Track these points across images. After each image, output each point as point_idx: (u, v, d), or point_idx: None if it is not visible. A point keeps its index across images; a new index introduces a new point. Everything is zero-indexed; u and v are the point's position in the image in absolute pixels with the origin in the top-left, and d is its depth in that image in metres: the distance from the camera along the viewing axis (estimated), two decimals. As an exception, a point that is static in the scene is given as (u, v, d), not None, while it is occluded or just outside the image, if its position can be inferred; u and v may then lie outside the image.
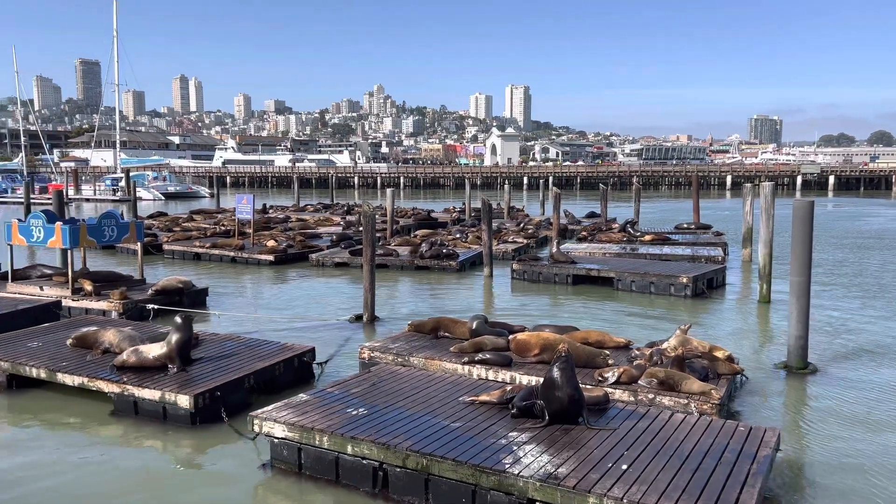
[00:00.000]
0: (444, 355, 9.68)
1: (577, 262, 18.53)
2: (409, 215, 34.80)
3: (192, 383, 8.45)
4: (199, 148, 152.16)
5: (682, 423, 7.15)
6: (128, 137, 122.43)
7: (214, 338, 10.64)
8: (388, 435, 6.61)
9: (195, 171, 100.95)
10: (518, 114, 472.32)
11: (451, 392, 8.02)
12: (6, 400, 9.24)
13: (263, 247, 22.38)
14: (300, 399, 7.62)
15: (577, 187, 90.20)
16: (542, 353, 9.30)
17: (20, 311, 12.59)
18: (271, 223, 30.15)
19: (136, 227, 15.89)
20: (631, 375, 8.55)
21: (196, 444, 7.81)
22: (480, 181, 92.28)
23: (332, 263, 21.00)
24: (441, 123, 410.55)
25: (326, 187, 65.85)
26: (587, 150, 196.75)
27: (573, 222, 31.88)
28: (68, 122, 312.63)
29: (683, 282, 16.27)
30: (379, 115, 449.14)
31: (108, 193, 62.03)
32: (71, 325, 11.53)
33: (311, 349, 10.15)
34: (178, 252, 23.04)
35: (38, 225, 14.55)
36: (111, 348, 9.70)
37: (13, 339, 10.53)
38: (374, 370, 8.99)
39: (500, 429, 6.83)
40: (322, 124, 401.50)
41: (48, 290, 14.43)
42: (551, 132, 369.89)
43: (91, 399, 8.92)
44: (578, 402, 6.92)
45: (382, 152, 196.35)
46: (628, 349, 10.02)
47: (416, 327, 10.97)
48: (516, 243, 24.24)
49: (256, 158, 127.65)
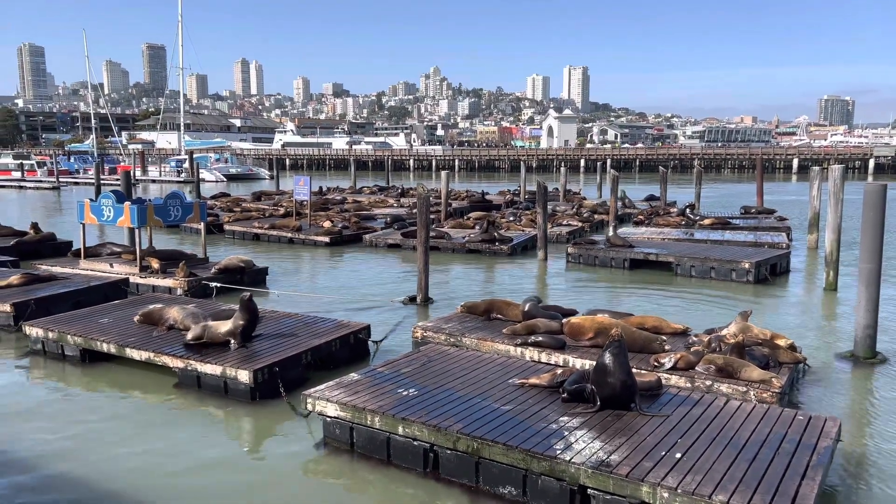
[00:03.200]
0: (497, 337, 9.70)
1: (634, 247, 18.22)
2: (462, 198, 34.78)
3: (252, 359, 8.71)
4: (259, 131, 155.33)
5: (738, 411, 7.00)
6: (191, 120, 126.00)
7: (273, 315, 10.92)
8: (439, 417, 6.67)
9: (255, 153, 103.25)
10: (576, 95, 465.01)
11: (500, 374, 8.04)
12: (80, 373, 9.73)
13: (319, 228, 22.76)
14: (352, 378, 7.76)
15: (635, 170, 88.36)
16: (596, 338, 9.21)
17: (92, 288, 13.18)
18: (328, 205, 30.62)
19: (199, 208, 16.39)
20: (688, 362, 8.40)
21: (254, 418, 8.06)
22: (536, 164, 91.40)
23: (385, 245, 21.21)
24: (497, 105, 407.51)
25: (382, 170, 66.36)
26: (647, 132, 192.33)
27: (630, 206, 31.29)
28: (136, 106, 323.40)
29: (745, 267, 15.82)
30: (435, 97, 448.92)
31: (173, 175, 64.10)
32: (138, 301, 12.01)
33: (366, 327, 10.32)
34: (238, 232, 23.66)
35: (109, 204, 15.15)
36: (175, 325, 10.07)
37: (86, 316, 11.04)
38: (424, 350, 9.08)
39: (550, 413, 6.82)
40: (379, 107, 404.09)
41: (117, 268, 15.05)
42: (610, 114, 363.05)
43: (157, 373, 9.31)
44: (631, 387, 6.84)
45: (438, 135, 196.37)
46: (686, 335, 9.83)
47: (468, 308, 11.01)
48: (571, 226, 23.96)
49: (315, 141, 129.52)
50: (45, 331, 10.32)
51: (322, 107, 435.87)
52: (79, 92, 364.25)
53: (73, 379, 9.52)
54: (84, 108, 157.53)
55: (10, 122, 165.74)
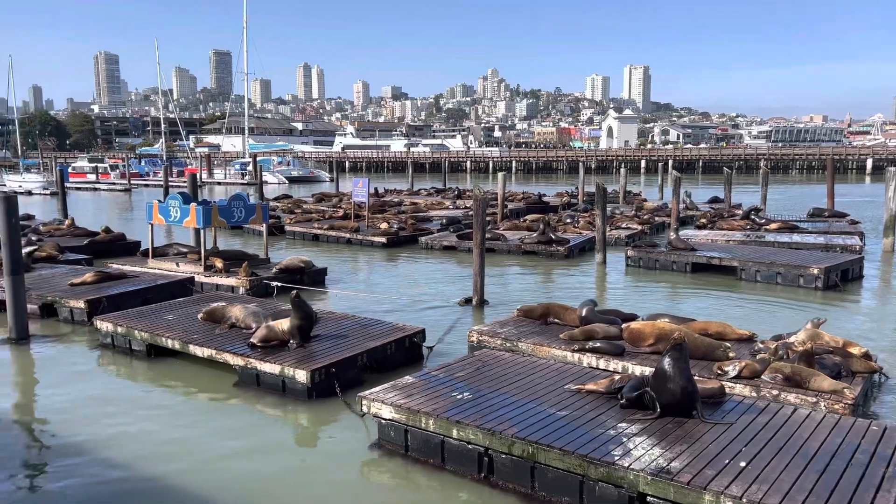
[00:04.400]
0: (553, 342, 9.57)
1: (696, 250, 17.73)
2: (519, 199, 34.58)
3: (310, 359, 8.84)
4: (320, 134, 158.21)
5: (807, 420, 6.70)
6: (255, 124, 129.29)
7: (331, 316, 11.06)
8: (494, 421, 6.61)
9: (316, 156, 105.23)
10: (636, 95, 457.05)
11: (556, 380, 7.92)
12: (146, 367, 10.07)
13: (376, 229, 23.00)
14: (406, 381, 7.78)
15: (698, 171, 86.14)
16: (656, 344, 8.98)
17: (159, 286, 13.65)
18: (385, 206, 30.92)
19: (261, 209, 16.78)
20: (753, 370, 8.09)
21: (311, 418, 8.17)
22: (595, 165, 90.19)
23: (441, 247, 21.26)
24: (555, 106, 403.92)
25: (439, 172, 66.64)
26: (710, 132, 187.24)
27: (693, 208, 30.50)
28: (203, 110, 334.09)
29: (814, 273, 15.18)
30: (492, 98, 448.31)
31: (237, 177, 65.98)
32: (202, 299, 12.36)
33: (420, 330, 10.34)
34: (298, 233, 24.13)
35: (176, 206, 15.66)
36: (237, 323, 10.32)
37: (152, 312, 11.43)
38: (479, 354, 9.03)
39: (608, 419, 6.68)
40: (436, 109, 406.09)
41: (183, 267, 15.54)
42: (672, 114, 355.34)
43: (218, 370, 9.54)
44: (691, 394, 6.63)
45: (495, 136, 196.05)
46: (751, 342, 9.49)
47: (524, 312, 10.90)
48: (630, 229, 23.52)
49: (373, 144, 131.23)
50: (115, 325, 10.73)
51: (381, 110, 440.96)
52: (150, 97, 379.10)
53: (139, 372, 9.87)
54: (154, 113, 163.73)
55: (86, 127, 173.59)
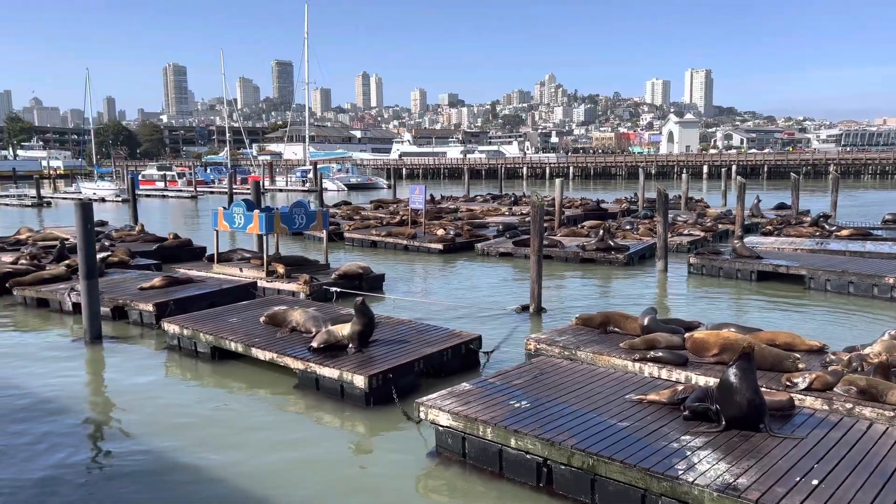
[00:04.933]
0: (614, 351, 9.39)
1: (762, 258, 17.15)
2: (577, 206, 34.19)
3: (368, 364, 8.92)
4: (378, 141, 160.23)
5: (884, 436, 6.38)
6: (315, 132, 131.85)
7: (389, 321, 11.15)
8: (552, 430, 6.52)
9: (374, 163, 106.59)
10: (698, 99, 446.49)
11: (616, 389, 7.76)
12: (210, 369, 10.36)
13: (433, 236, 23.10)
14: (463, 388, 7.75)
15: (763, 177, 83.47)
16: (721, 354, 8.71)
17: (223, 290, 14.04)
18: (442, 213, 31.04)
19: (322, 216, 17.08)
20: (825, 382, 7.75)
21: (369, 424, 8.24)
22: (655, 170, 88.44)
23: (497, 253, 21.19)
24: (614, 111, 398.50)
25: (496, 178, 66.54)
26: (776, 136, 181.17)
27: (759, 214, 29.54)
28: (265, 119, 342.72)
29: (890, 282, 14.48)
30: (550, 104, 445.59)
31: (298, 184, 67.33)
32: (264, 304, 12.65)
33: (477, 337, 10.31)
34: (357, 239, 24.46)
35: (239, 213, 16.10)
36: (297, 327, 10.51)
37: (217, 315, 11.76)
38: (536, 362, 8.94)
39: (671, 431, 6.50)
40: (493, 116, 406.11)
41: (246, 272, 15.94)
42: (735, 118, 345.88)
43: (279, 373, 9.74)
44: (759, 407, 6.40)
45: (552, 142, 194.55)
46: (822, 353, 9.09)
47: (583, 321, 10.74)
48: (692, 236, 22.95)
49: (430, 150, 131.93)
50: (181, 328, 11.08)
51: (438, 117, 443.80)
52: (215, 107, 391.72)
53: (203, 374, 10.16)
54: (220, 123, 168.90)
55: (155, 137, 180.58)
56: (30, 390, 9.39)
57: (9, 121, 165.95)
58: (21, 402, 8.97)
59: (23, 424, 8.21)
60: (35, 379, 9.87)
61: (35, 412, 8.60)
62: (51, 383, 9.69)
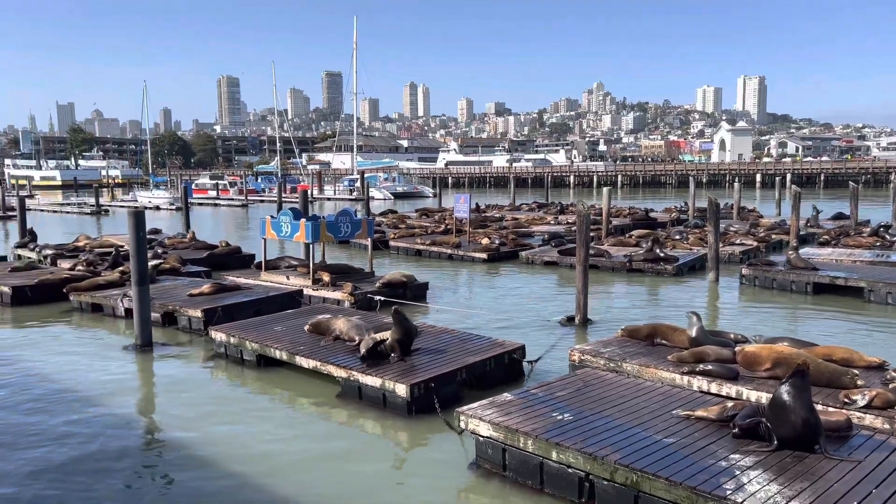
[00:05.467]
0: (661, 363, 9.15)
1: (819, 269, 16.56)
2: (625, 215, 33.68)
3: (410, 373, 8.89)
4: (424, 150, 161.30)
5: (953, 465, 6.02)
6: (363, 142, 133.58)
7: (431, 330, 11.12)
8: (595, 444, 6.37)
9: (420, 172, 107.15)
10: (751, 106, 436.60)
11: (662, 404, 7.55)
12: (255, 376, 10.50)
13: (478, 244, 23.04)
14: (505, 398, 7.65)
15: (819, 185, 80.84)
16: (774, 369, 8.40)
17: (270, 298, 14.24)
18: (487, 222, 30.96)
19: (367, 225, 17.21)
20: (886, 400, 7.39)
21: (410, 433, 8.20)
22: (706, 179, 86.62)
23: (542, 262, 20.98)
24: (664, 119, 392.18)
25: (542, 186, 66.15)
26: (833, 143, 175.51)
27: (815, 225, 28.58)
28: (315, 129, 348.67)
29: (957, 296, 13.78)
30: (598, 112, 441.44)
31: (346, 193, 68.20)
32: (309, 311, 12.77)
33: (521, 346, 10.20)
34: (402, 248, 24.56)
35: (287, 221, 16.34)
36: (341, 336, 10.57)
37: (263, 323, 11.92)
38: (580, 374, 8.78)
39: (719, 449, 6.28)
40: (540, 124, 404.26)
41: (293, 280, 16.15)
42: (790, 125, 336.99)
43: (322, 381, 9.79)
44: (814, 427, 6.12)
45: (600, 150, 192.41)
46: (882, 370, 8.68)
47: (629, 333, 10.52)
48: (745, 246, 22.32)
49: (476, 159, 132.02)
50: (228, 336, 11.27)
51: (484, 126, 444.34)
52: (267, 118, 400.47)
53: (249, 381, 10.30)
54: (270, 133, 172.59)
55: (209, 147, 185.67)
56: (81, 391, 9.67)
57: (71, 132, 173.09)
58: (73, 402, 9.25)
59: (74, 425, 8.45)
60: (86, 381, 10.16)
61: (84, 413, 8.85)
62: (101, 385, 9.96)
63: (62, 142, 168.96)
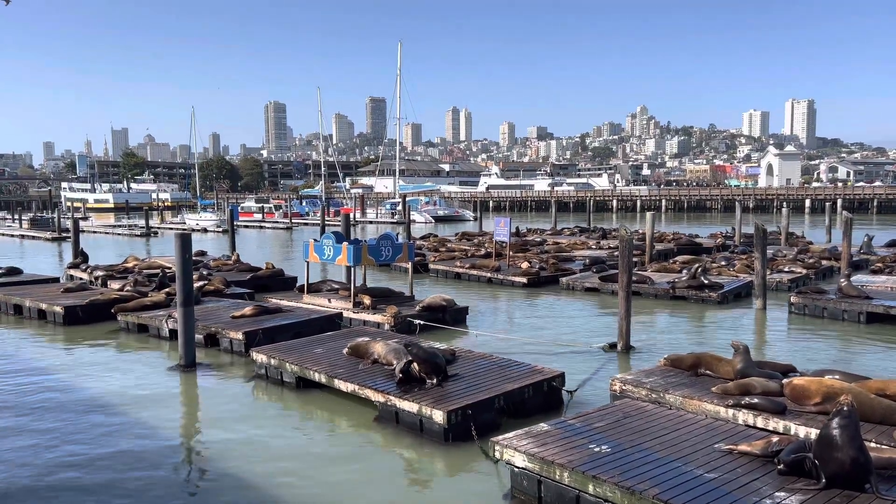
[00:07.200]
0: (705, 395, 8.92)
1: (872, 298, 15.99)
2: (668, 240, 33.15)
3: (447, 399, 8.85)
4: (466, 175, 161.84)
5: None
6: (406, 166, 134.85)
7: (469, 355, 11.07)
8: (633, 479, 6.22)
9: (461, 196, 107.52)
10: (800, 130, 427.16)
11: (704, 437, 7.34)
12: (294, 397, 10.59)
13: (517, 269, 22.93)
14: (541, 429, 7.54)
15: (872, 211, 78.34)
16: (824, 403, 8.10)
17: (311, 320, 14.40)
18: (528, 246, 30.82)
19: (407, 248, 17.32)
20: (942, 440, 7.06)
21: (446, 461, 8.13)
22: (753, 204, 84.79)
23: (583, 288, 20.75)
24: (709, 143, 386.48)
25: (584, 211, 65.65)
26: (886, 168, 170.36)
27: (868, 252, 27.65)
28: (358, 154, 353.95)
29: None
30: (641, 136, 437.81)
31: (388, 216, 68.88)
32: (349, 334, 12.86)
33: (560, 374, 10.07)
34: (441, 271, 24.61)
35: (329, 244, 16.55)
36: (379, 359, 10.61)
37: (303, 346, 12.04)
38: (620, 405, 8.61)
39: (763, 486, 6.07)
40: (582, 148, 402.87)
41: (334, 303, 16.30)
42: (840, 149, 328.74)
43: (360, 404, 9.82)
44: (864, 465, 5.88)
45: (643, 175, 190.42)
46: (939, 407, 8.30)
47: (672, 362, 10.29)
48: (793, 273, 21.72)
49: (517, 183, 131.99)
50: (269, 357, 11.41)
51: (526, 150, 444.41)
52: (312, 142, 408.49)
53: (288, 402, 10.39)
54: (315, 157, 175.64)
55: (255, 171, 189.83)
56: (125, 411, 9.89)
57: (124, 156, 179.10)
58: (117, 419, 9.47)
59: (118, 441, 8.64)
60: (130, 400, 10.39)
61: (128, 431, 9.05)
62: (144, 405, 10.18)
63: (116, 165, 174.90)
